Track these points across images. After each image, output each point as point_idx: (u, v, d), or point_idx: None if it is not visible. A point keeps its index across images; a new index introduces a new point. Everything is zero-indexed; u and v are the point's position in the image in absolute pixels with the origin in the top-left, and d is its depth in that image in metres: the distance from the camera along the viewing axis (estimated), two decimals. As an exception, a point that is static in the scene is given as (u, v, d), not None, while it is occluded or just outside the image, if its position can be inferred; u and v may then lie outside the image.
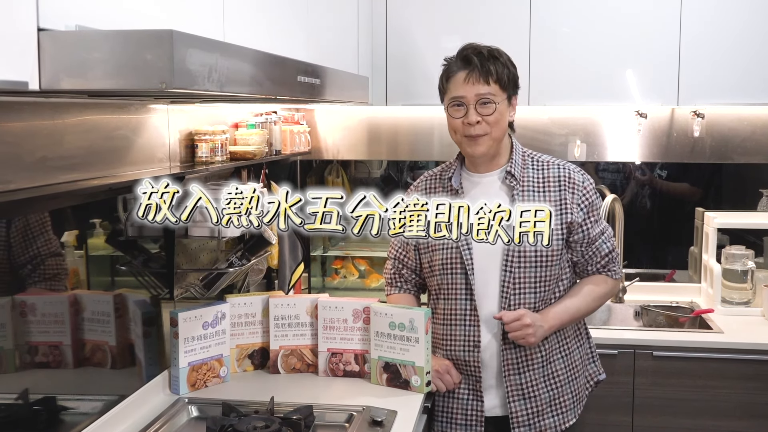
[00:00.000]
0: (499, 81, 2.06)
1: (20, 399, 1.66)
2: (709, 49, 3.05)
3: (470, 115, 2.05)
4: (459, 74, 2.07)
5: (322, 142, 3.63)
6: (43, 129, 1.62)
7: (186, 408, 2.09)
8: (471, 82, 2.05)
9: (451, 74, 2.09)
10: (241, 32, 1.85)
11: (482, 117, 2.05)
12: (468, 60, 2.06)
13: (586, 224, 2.13)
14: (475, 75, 2.05)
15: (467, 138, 2.08)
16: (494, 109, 2.05)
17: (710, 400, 2.81)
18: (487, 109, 2.05)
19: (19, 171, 1.55)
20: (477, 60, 2.05)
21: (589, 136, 3.47)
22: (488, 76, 2.05)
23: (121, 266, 2.06)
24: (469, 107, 2.05)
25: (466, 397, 2.17)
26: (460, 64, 2.08)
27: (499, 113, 2.07)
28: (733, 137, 3.39)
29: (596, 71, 3.12)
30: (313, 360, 2.34)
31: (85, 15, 1.24)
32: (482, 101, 2.05)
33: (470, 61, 2.06)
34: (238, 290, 2.63)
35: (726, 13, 3.04)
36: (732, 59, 3.04)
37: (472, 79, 2.05)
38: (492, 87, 2.05)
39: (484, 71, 2.05)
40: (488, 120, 2.05)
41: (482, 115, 2.05)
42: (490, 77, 2.05)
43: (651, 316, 3.14)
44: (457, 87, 2.07)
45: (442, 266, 2.14)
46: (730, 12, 3.04)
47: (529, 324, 2.04)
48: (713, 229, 3.17)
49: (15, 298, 1.63)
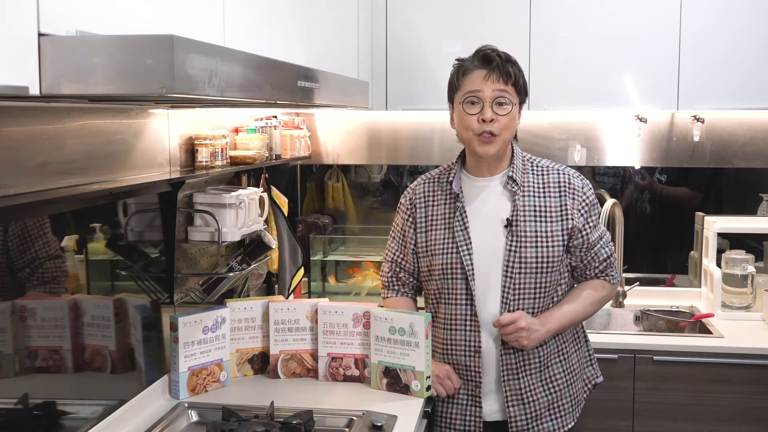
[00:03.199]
0: (515, 84, 2.07)
1: (20, 404, 1.65)
2: (709, 54, 3.05)
3: (486, 111, 2.04)
4: (477, 72, 2.06)
5: (322, 147, 3.63)
6: (44, 134, 1.62)
7: (186, 413, 2.09)
8: (491, 80, 2.05)
9: (468, 71, 2.08)
10: (242, 37, 1.85)
11: (497, 116, 2.05)
12: (489, 59, 2.06)
13: (585, 229, 2.14)
14: (495, 74, 2.05)
15: (479, 137, 2.07)
16: (509, 111, 2.06)
17: (711, 405, 2.80)
18: (503, 109, 2.05)
19: (20, 176, 1.55)
20: (498, 60, 2.06)
21: (589, 141, 3.48)
22: (508, 77, 2.06)
23: (121, 271, 2.06)
24: (485, 104, 2.05)
25: (465, 403, 2.17)
26: (479, 63, 2.07)
27: (512, 116, 2.07)
28: (732, 142, 3.39)
29: (596, 76, 3.12)
30: (313, 364, 2.33)
31: (85, 20, 1.24)
32: (499, 100, 2.05)
33: (491, 60, 2.06)
34: (238, 295, 2.63)
35: (725, 18, 3.04)
36: (732, 63, 3.04)
37: (493, 77, 2.05)
38: (509, 88, 2.06)
39: (504, 72, 2.05)
40: (502, 121, 2.05)
41: (497, 114, 2.05)
42: (509, 79, 2.06)
43: (651, 320, 3.13)
44: (475, 83, 2.06)
45: (442, 271, 2.14)
46: (730, 16, 3.04)
47: (523, 327, 2.03)
48: (713, 234, 3.17)
49: (15, 303, 1.63)
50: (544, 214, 2.11)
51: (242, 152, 2.48)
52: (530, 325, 2.05)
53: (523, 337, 2.04)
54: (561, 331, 2.15)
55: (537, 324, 2.07)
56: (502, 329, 2.06)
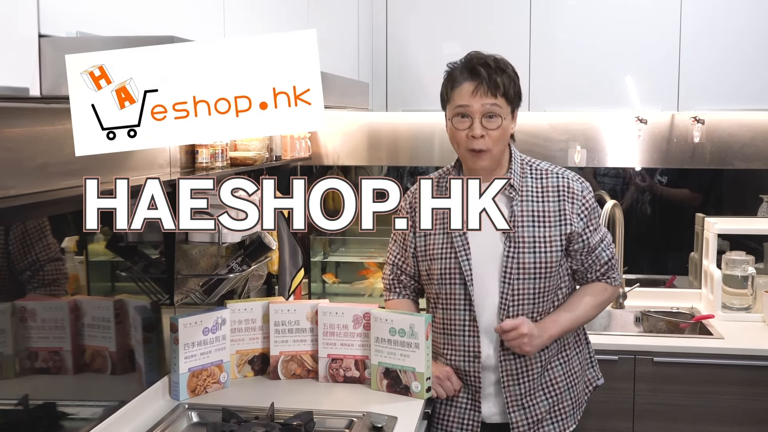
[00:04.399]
0: (505, 95, 2.02)
1: (20, 405, 1.66)
2: (709, 55, 3.05)
3: (475, 128, 2.01)
4: (465, 85, 2.02)
5: (322, 148, 3.63)
6: (44, 135, 1.62)
7: (186, 414, 2.09)
8: (479, 94, 2.00)
9: (457, 84, 2.04)
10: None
11: (487, 131, 2.01)
12: (476, 72, 2.02)
13: (585, 233, 2.12)
14: (483, 88, 2.00)
15: (470, 152, 2.05)
16: (499, 124, 2.02)
17: (711, 406, 2.80)
18: (493, 123, 2.01)
19: (20, 177, 1.55)
20: (485, 72, 2.00)
21: (589, 142, 3.48)
22: (496, 89, 2.00)
23: (122, 272, 2.06)
24: (475, 120, 2.01)
25: (463, 405, 2.16)
26: (467, 75, 2.03)
27: (503, 129, 2.03)
28: (733, 143, 3.39)
29: (596, 77, 3.12)
30: (313, 366, 2.33)
31: (85, 21, 1.24)
32: (488, 115, 2.01)
33: (478, 73, 2.01)
34: (238, 296, 2.62)
35: (725, 18, 3.04)
36: (732, 64, 3.04)
37: (480, 92, 2.00)
38: (499, 100, 2.01)
39: (492, 84, 2.00)
40: (492, 135, 2.01)
41: (487, 129, 2.01)
42: (498, 91, 2.01)
43: (651, 321, 3.13)
44: (463, 97, 2.02)
45: (440, 275, 2.13)
46: (730, 17, 3.04)
47: (525, 333, 2.02)
48: (713, 235, 3.17)
49: (15, 304, 1.63)
50: (543, 219, 2.08)
51: (242, 153, 2.48)
52: (532, 331, 2.04)
53: (526, 344, 2.03)
54: (562, 335, 2.15)
55: (538, 330, 2.06)
56: (504, 335, 2.04)
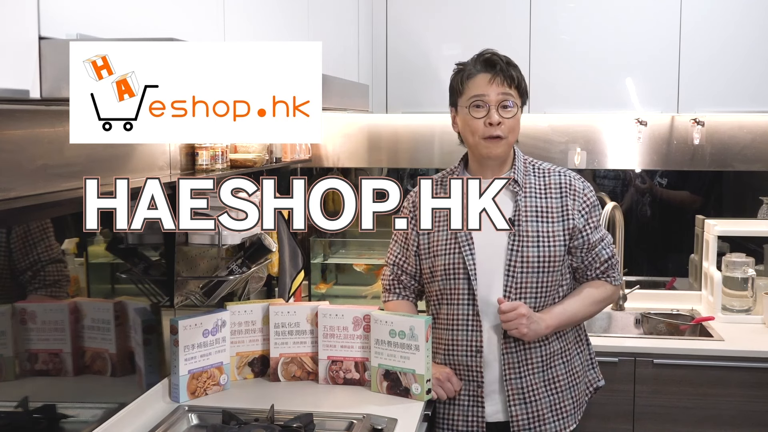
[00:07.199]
0: (518, 87, 2.11)
1: (20, 407, 1.66)
2: (709, 57, 3.05)
3: (492, 115, 2.07)
4: (481, 76, 2.10)
5: (322, 150, 3.63)
6: (44, 137, 1.62)
7: (186, 416, 2.09)
8: (495, 83, 2.08)
9: (472, 75, 2.11)
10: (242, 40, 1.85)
11: (503, 119, 2.08)
12: (492, 63, 2.10)
13: (586, 230, 2.15)
14: (499, 78, 2.08)
15: (486, 140, 2.09)
16: (514, 113, 2.10)
17: (711, 408, 2.80)
18: (509, 112, 2.09)
19: (20, 178, 1.55)
20: (501, 64, 2.09)
21: (589, 144, 3.48)
22: (511, 80, 2.09)
23: (122, 274, 2.06)
24: (491, 107, 2.08)
25: (466, 404, 2.17)
26: (482, 67, 2.11)
27: (517, 119, 2.12)
28: (733, 145, 3.39)
29: (596, 79, 3.12)
30: (313, 368, 2.33)
31: (86, 23, 1.24)
32: (504, 104, 2.08)
33: (495, 64, 2.10)
34: (238, 298, 2.63)
35: (725, 20, 3.04)
36: (732, 66, 3.04)
37: (497, 81, 2.08)
38: (513, 91, 2.10)
39: (508, 75, 2.09)
40: (508, 123, 2.08)
41: (503, 117, 2.08)
42: (513, 82, 2.10)
43: (651, 323, 3.13)
44: (479, 87, 2.09)
45: (444, 271, 2.14)
46: (730, 19, 3.04)
47: (523, 314, 2.04)
48: (713, 237, 3.17)
49: (15, 306, 1.63)
50: (546, 214, 2.12)
51: (242, 155, 2.48)
52: (530, 315, 2.06)
53: (523, 325, 2.04)
54: (561, 328, 2.16)
55: (537, 316, 2.08)
56: (503, 315, 2.05)
